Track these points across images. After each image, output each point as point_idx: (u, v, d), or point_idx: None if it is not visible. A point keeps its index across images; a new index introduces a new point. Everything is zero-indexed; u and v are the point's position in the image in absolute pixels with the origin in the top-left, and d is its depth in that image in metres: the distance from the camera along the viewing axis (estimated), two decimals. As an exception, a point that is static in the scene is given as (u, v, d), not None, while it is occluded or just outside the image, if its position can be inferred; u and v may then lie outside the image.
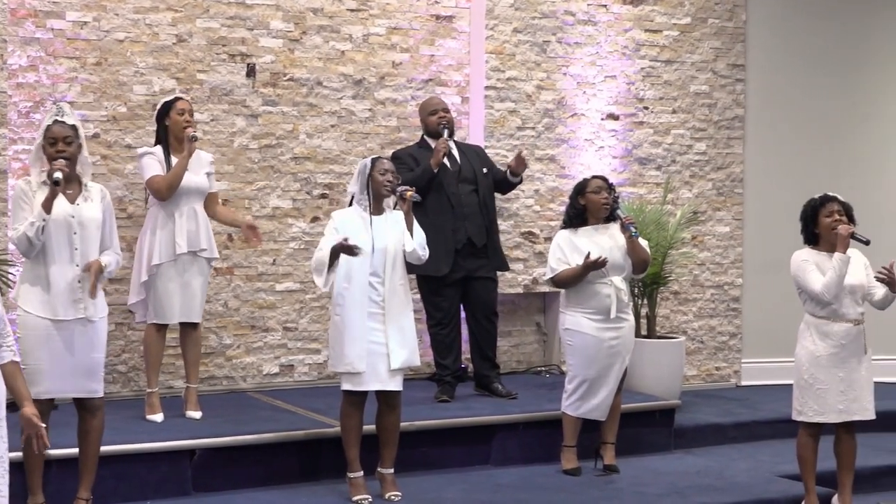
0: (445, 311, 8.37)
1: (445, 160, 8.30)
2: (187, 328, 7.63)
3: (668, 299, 9.87)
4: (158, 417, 7.46)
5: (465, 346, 8.65)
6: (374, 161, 6.77)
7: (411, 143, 8.79)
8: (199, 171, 7.56)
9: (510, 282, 9.28)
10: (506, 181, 8.54)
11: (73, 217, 6.09)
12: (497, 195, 8.70)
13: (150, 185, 7.47)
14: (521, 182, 8.65)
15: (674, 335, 9.41)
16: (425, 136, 8.49)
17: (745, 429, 8.81)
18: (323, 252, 6.55)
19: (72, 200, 6.11)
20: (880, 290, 6.89)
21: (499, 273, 8.64)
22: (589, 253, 7.26)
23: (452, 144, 8.44)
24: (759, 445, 8.60)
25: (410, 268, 8.03)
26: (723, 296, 10.15)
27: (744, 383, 10.20)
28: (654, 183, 9.81)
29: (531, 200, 9.41)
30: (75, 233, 6.09)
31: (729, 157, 10.12)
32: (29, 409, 4.92)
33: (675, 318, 9.95)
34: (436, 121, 8.36)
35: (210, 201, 7.66)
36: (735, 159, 10.15)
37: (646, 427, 8.31)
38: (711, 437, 8.64)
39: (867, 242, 6.85)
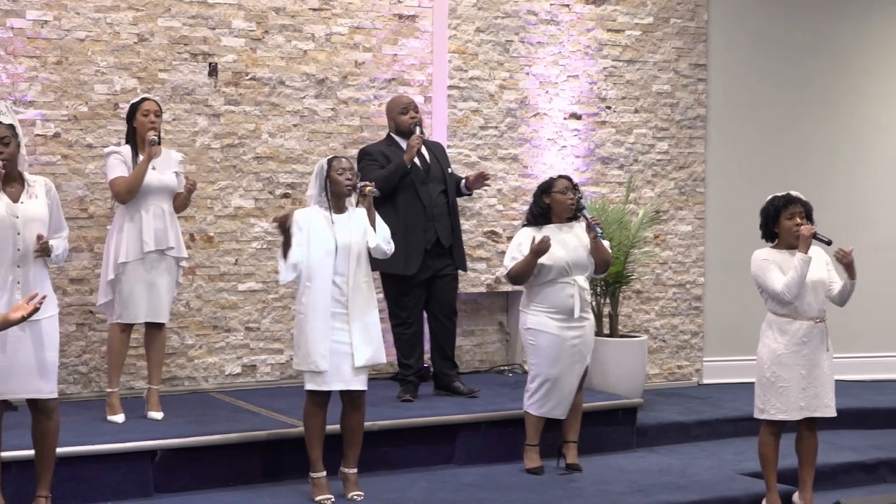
0: (411, 310, 8.35)
1: (416, 160, 8.28)
2: (153, 329, 7.57)
3: (631, 298, 9.88)
4: (119, 418, 7.39)
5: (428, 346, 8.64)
6: (330, 161, 6.71)
7: (374, 142, 8.77)
8: (165, 170, 7.50)
9: (473, 281, 9.27)
10: (458, 191, 8.52)
11: (16, 217, 5.93)
12: None
13: (111, 186, 7.43)
14: (469, 195, 8.66)
15: (636, 334, 9.42)
16: (393, 135, 8.43)
17: (707, 427, 8.82)
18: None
19: (15, 199, 6.00)
20: (837, 285, 6.92)
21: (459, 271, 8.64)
22: (534, 238, 7.27)
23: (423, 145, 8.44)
24: (722, 443, 8.61)
25: (376, 265, 8.08)
26: (685, 294, 10.17)
27: (706, 381, 10.22)
28: (617, 182, 9.82)
29: (494, 200, 9.40)
30: (19, 233, 5.96)
31: (691, 157, 10.14)
32: None
33: (638, 317, 9.97)
34: (408, 119, 8.32)
35: (178, 201, 7.63)
36: (697, 158, 10.17)
37: (608, 426, 8.31)
38: (674, 436, 8.65)
39: (829, 243, 6.86)
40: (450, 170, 8.48)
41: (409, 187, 8.25)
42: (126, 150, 7.49)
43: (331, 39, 8.92)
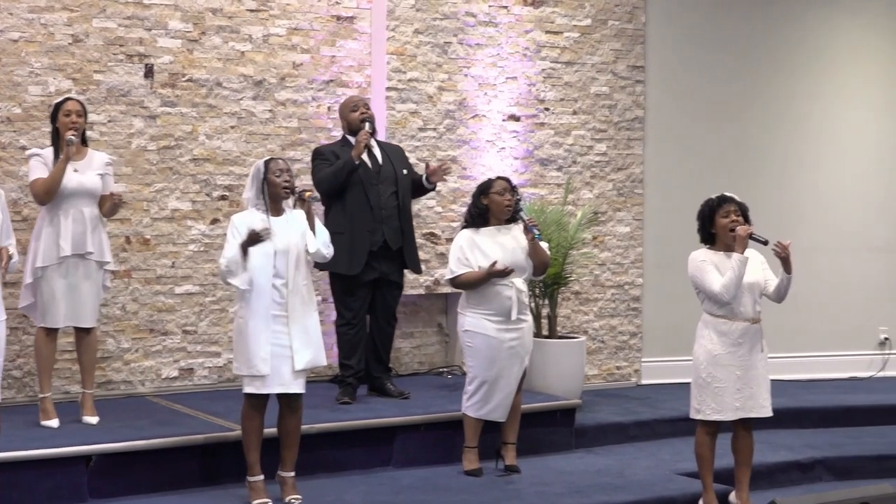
0: (356, 311, 8.31)
1: (367, 159, 8.25)
2: (81, 333, 7.48)
3: (570, 299, 9.90)
4: (54, 423, 7.30)
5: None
6: (267, 163, 6.66)
7: (313, 144, 8.76)
8: (87, 171, 7.37)
9: (412, 283, 9.25)
10: (421, 186, 8.48)
11: None
12: None
13: (31, 188, 7.34)
14: (433, 190, 8.61)
15: (575, 335, 9.44)
16: (347, 135, 8.40)
17: (645, 427, 8.86)
18: (233, 252, 6.44)
19: None
20: (773, 283, 6.97)
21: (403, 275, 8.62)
22: (496, 262, 7.27)
23: (375, 144, 8.40)
24: (660, 444, 8.65)
25: (321, 265, 8.05)
26: (623, 295, 10.21)
27: (644, 382, 10.27)
28: (555, 184, 9.84)
29: (433, 201, 9.38)
30: None
31: (629, 158, 10.18)
32: None
33: (577, 318, 9.99)
34: (357, 116, 8.28)
35: (104, 203, 7.48)
36: (635, 160, 10.21)
37: (547, 427, 8.32)
38: (612, 436, 8.67)
39: (765, 242, 6.89)
40: (405, 171, 8.44)
41: (359, 187, 8.21)
42: (48, 152, 7.37)
43: (268, 41, 8.86)
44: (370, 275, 8.27)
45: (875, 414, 9.61)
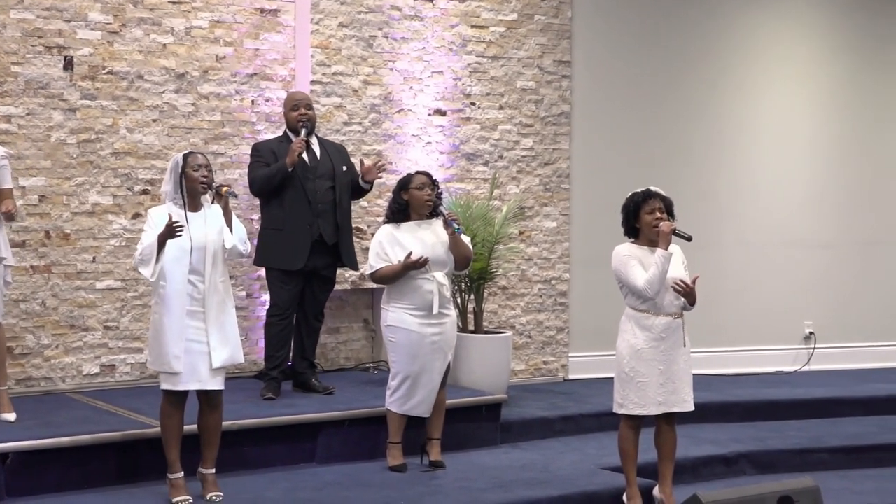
0: (288, 303, 8.29)
1: (305, 155, 8.23)
2: None
3: (496, 294, 9.90)
4: (-29, 420, 7.20)
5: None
6: (186, 156, 6.57)
7: (236, 138, 8.73)
8: None
9: (338, 278, 9.18)
10: (359, 186, 8.45)
11: None
12: None
13: None
14: (370, 189, 8.56)
15: (501, 330, 9.43)
16: (288, 131, 8.37)
17: (571, 422, 8.86)
18: (150, 242, 6.34)
19: None
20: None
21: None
22: (410, 253, 7.25)
23: (315, 140, 8.38)
24: (585, 438, 8.66)
25: (261, 259, 7.97)
26: (550, 290, 10.22)
27: (572, 377, 10.29)
28: (482, 178, 9.83)
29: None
30: None
31: (556, 153, 10.19)
32: None
33: (504, 314, 9.99)
34: (296, 117, 8.25)
35: (2, 198, 7.18)
36: (561, 155, 10.22)
37: (472, 422, 8.30)
38: (538, 431, 8.68)
39: (689, 238, 6.91)
40: (344, 168, 8.41)
41: (296, 183, 8.19)
42: None
43: (191, 33, 8.78)
44: (305, 269, 8.26)
45: (799, 408, 9.69)
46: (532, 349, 10.16)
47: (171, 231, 6.27)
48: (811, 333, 11.21)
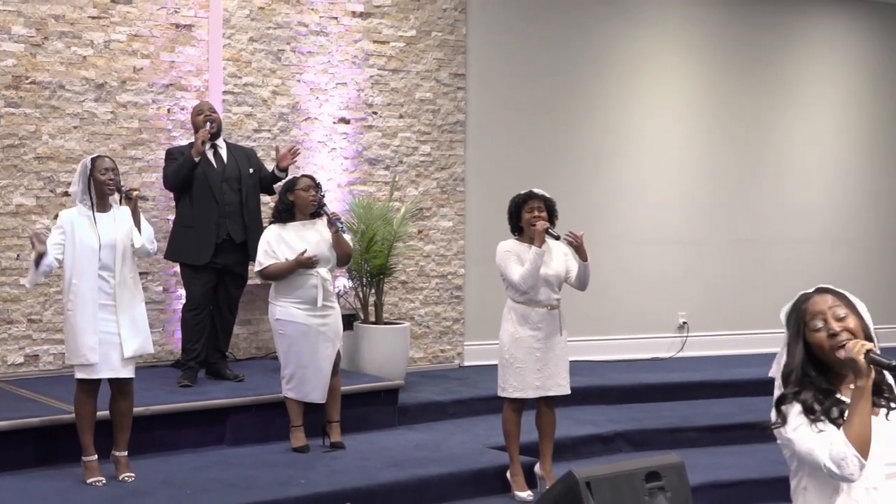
0: (200, 297, 8.19)
1: (213, 160, 8.14)
2: None
3: (397, 288, 9.85)
4: None
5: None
6: (94, 160, 6.49)
7: (153, 144, 8.64)
8: None
9: (249, 274, 9.09)
10: (273, 177, 8.35)
11: None
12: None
13: None
14: (286, 177, 8.41)
15: (401, 321, 9.39)
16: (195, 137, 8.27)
17: (463, 405, 8.83)
18: (34, 257, 6.31)
19: None
20: (573, 272, 6.99)
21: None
22: (305, 250, 7.19)
23: (223, 145, 8.28)
24: (476, 420, 8.63)
25: (171, 254, 7.83)
26: (447, 284, 10.19)
27: (466, 364, 10.26)
28: (383, 182, 9.77)
29: (266, 198, 9.20)
30: None
31: (451, 159, 10.16)
32: None
33: (404, 306, 9.95)
34: (201, 120, 8.18)
35: None
36: (457, 160, 10.20)
37: (372, 406, 8.26)
38: (432, 414, 8.64)
39: (557, 237, 6.93)
40: (251, 171, 8.32)
41: (205, 185, 8.11)
42: None
43: (109, 46, 8.63)
44: (215, 265, 8.17)
45: (672, 391, 9.75)
46: (430, 338, 10.12)
47: (39, 255, 6.24)
48: (684, 323, 11.30)
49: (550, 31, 10.62)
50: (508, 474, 7.17)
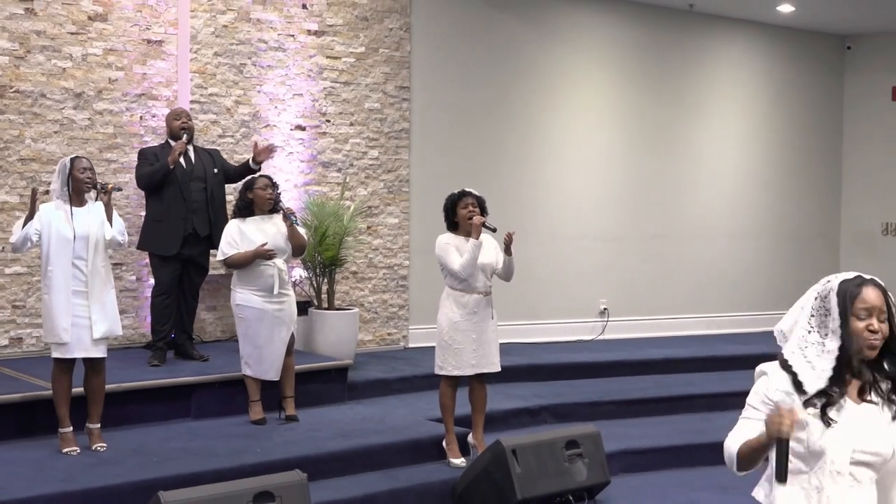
0: (168, 284, 8.13)
1: (182, 161, 8.08)
2: None
3: (348, 278, 9.81)
4: None
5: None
6: (73, 160, 6.44)
7: (127, 147, 8.51)
8: None
9: (215, 264, 9.00)
10: (246, 168, 8.25)
11: None
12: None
13: None
14: (259, 170, 8.29)
15: (351, 307, 9.35)
16: (169, 139, 8.22)
17: (406, 382, 8.81)
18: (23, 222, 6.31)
19: None
20: (500, 264, 6.99)
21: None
22: (266, 243, 7.16)
23: (191, 148, 8.21)
24: (418, 395, 8.61)
25: (143, 244, 7.76)
26: (393, 275, 10.16)
27: (411, 346, 10.24)
28: (335, 182, 9.73)
29: (230, 197, 9.11)
30: None
31: (397, 162, 10.13)
32: None
33: (354, 294, 9.91)
34: (179, 125, 8.12)
35: None
36: (402, 164, 10.17)
37: (323, 383, 8.21)
38: (379, 390, 8.61)
39: (494, 230, 6.93)
40: (216, 171, 8.25)
41: (175, 183, 8.06)
42: None
43: (87, 59, 8.52)
44: (181, 255, 8.13)
45: (593, 369, 9.78)
46: (378, 323, 10.09)
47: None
48: (605, 309, 11.35)
49: (486, 49, 10.64)
50: (444, 443, 7.16)
